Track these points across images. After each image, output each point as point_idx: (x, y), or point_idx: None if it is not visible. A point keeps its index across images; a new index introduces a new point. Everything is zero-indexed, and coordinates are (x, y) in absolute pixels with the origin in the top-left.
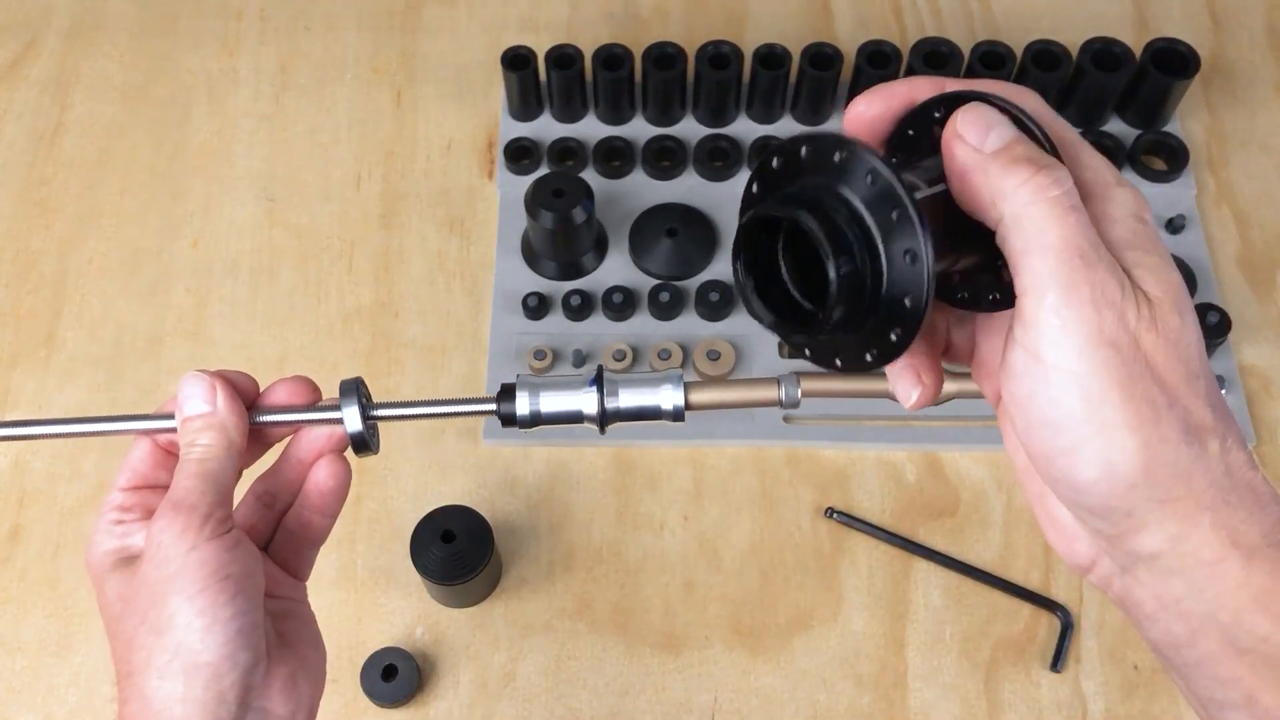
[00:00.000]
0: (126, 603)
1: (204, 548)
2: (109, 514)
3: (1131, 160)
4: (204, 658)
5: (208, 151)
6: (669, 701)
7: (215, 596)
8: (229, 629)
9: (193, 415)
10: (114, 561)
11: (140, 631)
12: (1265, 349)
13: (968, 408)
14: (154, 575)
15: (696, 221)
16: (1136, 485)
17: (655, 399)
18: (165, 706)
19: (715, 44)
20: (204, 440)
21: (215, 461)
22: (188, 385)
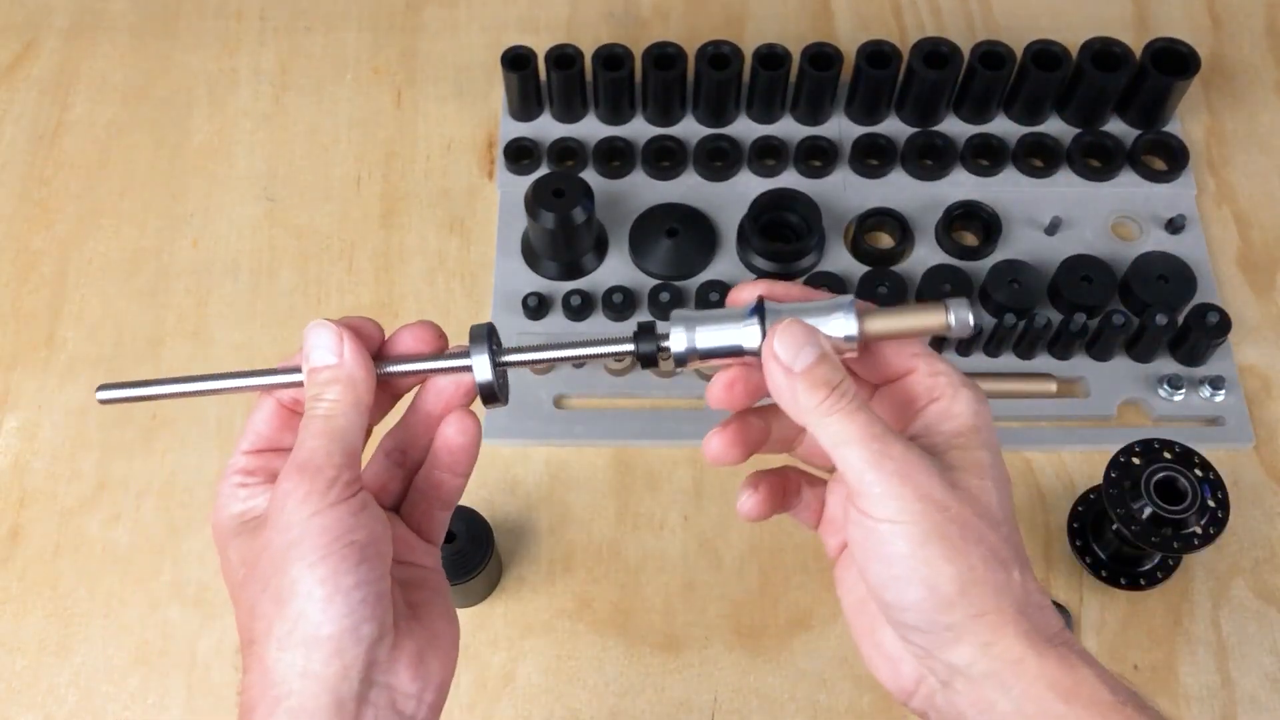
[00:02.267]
0: (250, 568)
1: (328, 513)
2: (232, 478)
3: (1131, 160)
4: (325, 630)
5: (208, 151)
6: (669, 701)
7: (337, 564)
8: (351, 599)
9: (319, 366)
10: (237, 525)
11: (262, 599)
12: (1265, 349)
13: None
14: (276, 541)
15: (696, 221)
16: (954, 603)
17: (826, 327)
18: (284, 679)
19: (715, 44)
20: (330, 395)
21: (342, 418)
22: (314, 334)
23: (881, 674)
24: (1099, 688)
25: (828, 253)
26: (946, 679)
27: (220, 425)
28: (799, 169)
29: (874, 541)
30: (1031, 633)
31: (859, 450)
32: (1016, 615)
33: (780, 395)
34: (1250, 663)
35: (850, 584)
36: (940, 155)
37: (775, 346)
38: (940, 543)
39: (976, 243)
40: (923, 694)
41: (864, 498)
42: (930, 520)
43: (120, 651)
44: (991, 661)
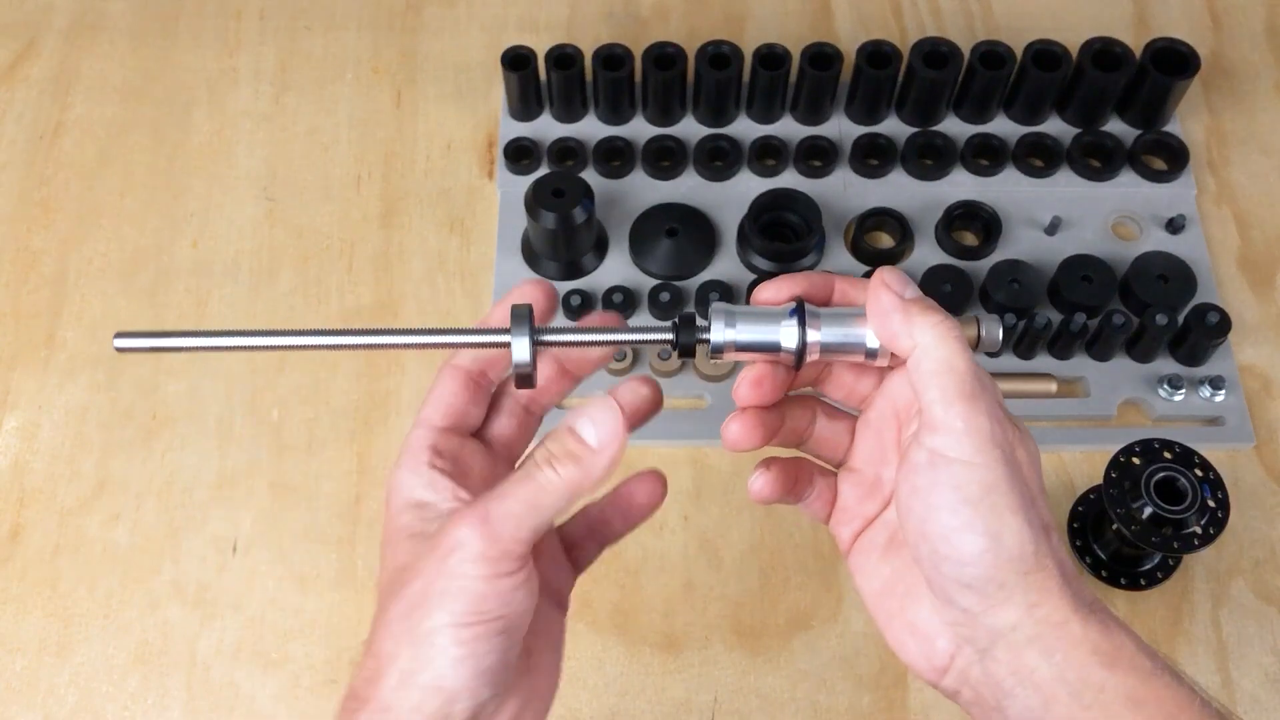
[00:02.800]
0: (400, 583)
1: (492, 582)
2: (423, 451)
3: (1131, 160)
4: (448, 683)
5: (208, 151)
6: (669, 701)
7: (481, 632)
8: (480, 665)
9: (581, 438)
10: (413, 520)
11: (398, 624)
12: (1265, 349)
13: None
14: (432, 580)
15: (696, 221)
16: (1014, 557)
17: (860, 334)
18: (396, 707)
19: (715, 44)
20: (564, 472)
21: (556, 500)
22: (603, 413)
23: (911, 655)
24: (1138, 655)
25: (828, 253)
26: (987, 645)
27: (220, 425)
28: (799, 169)
29: (942, 484)
30: (1075, 596)
31: (957, 383)
32: (1060, 578)
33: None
34: (1250, 663)
35: (871, 570)
36: (940, 155)
37: (886, 277)
38: (1008, 492)
39: (976, 243)
40: (957, 669)
41: (944, 432)
42: (1002, 468)
43: (120, 651)
44: (1036, 625)
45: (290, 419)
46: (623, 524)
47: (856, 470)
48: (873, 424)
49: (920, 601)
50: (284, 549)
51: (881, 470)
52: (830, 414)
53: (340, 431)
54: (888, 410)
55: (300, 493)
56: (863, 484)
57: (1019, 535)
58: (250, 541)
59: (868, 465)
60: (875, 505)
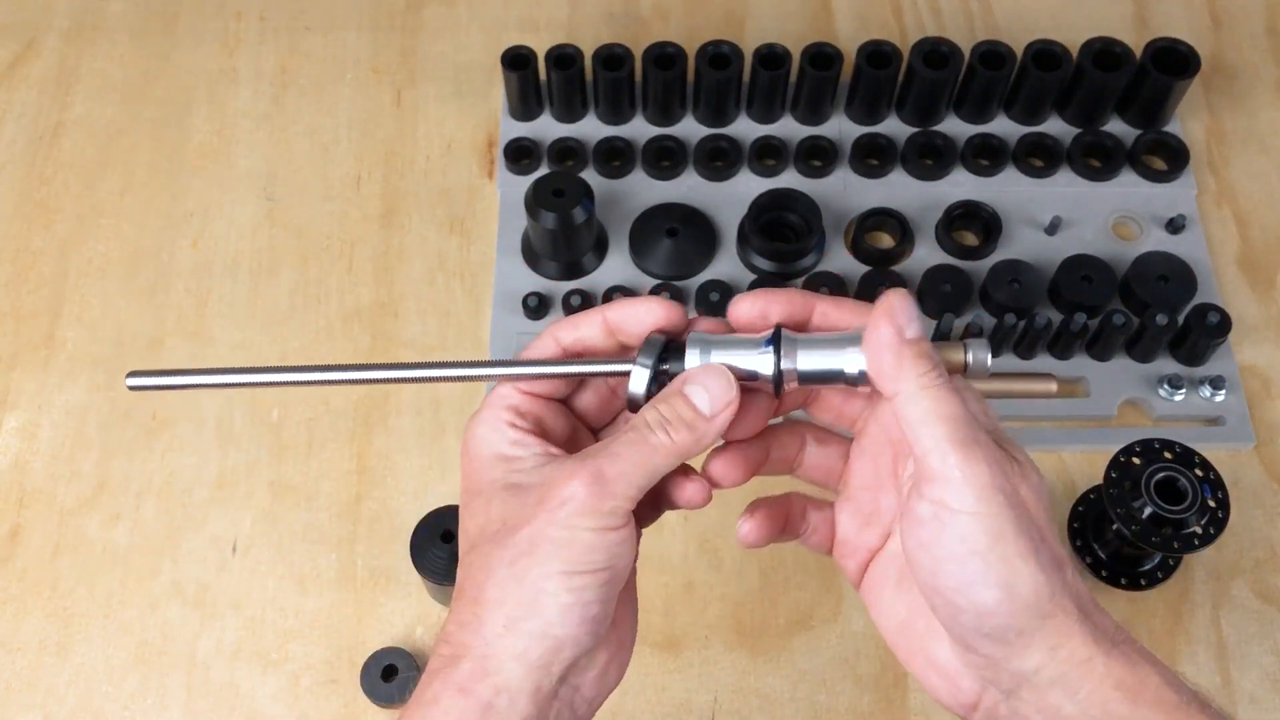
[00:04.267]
0: (504, 531)
1: (602, 534)
2: (502, 410)
3: (1131, 160)
4: (556, 630)
5: (208, 151)
6: (669, 701)
7: (589, 581)
8: (587, 613)
9: (693, 403)
10: (504, 473)
11: (503, 570)
12: (1265, 349)
13: None
14: (545, 530)
15: (696, 221)
16: (1030, 605)
17: (839, 362)
18: (499, 653)
19: (715, 44)
20: (676, 436)
21: (664, 461)
22: (716, 380)
23: (939, 692)
24: (1163, 688)
25: (828, 253)
26: (1011, 688)
27: (220, 425)
28: (799, 169)
29: (948, 537)
30: (1095, 633)
31: (949, 430)
32: (1080, 616)
33: (882, 359)
34: (1250, 663)
35: (886, 606)
36: (940, 155)
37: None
38: (1016, 539)
39: (976, 243)
40: (986, 707)
41: (942, 484)
42: (1008, 514)
43: (120, 651)
44: (1059, 665)
45: (290, 419)
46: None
47: (853, 499)
48: (867, 450)
49: (941, 640)
50: (284, 549)
51: (879, 497)
52: (821, 438)
53: (340, 431)
54: (880, 436)
55: (300, 493)
56: (860, 513)
57: (1033, 581)
58: (250, 541)
59: (865, 492)
60: (876, 535)
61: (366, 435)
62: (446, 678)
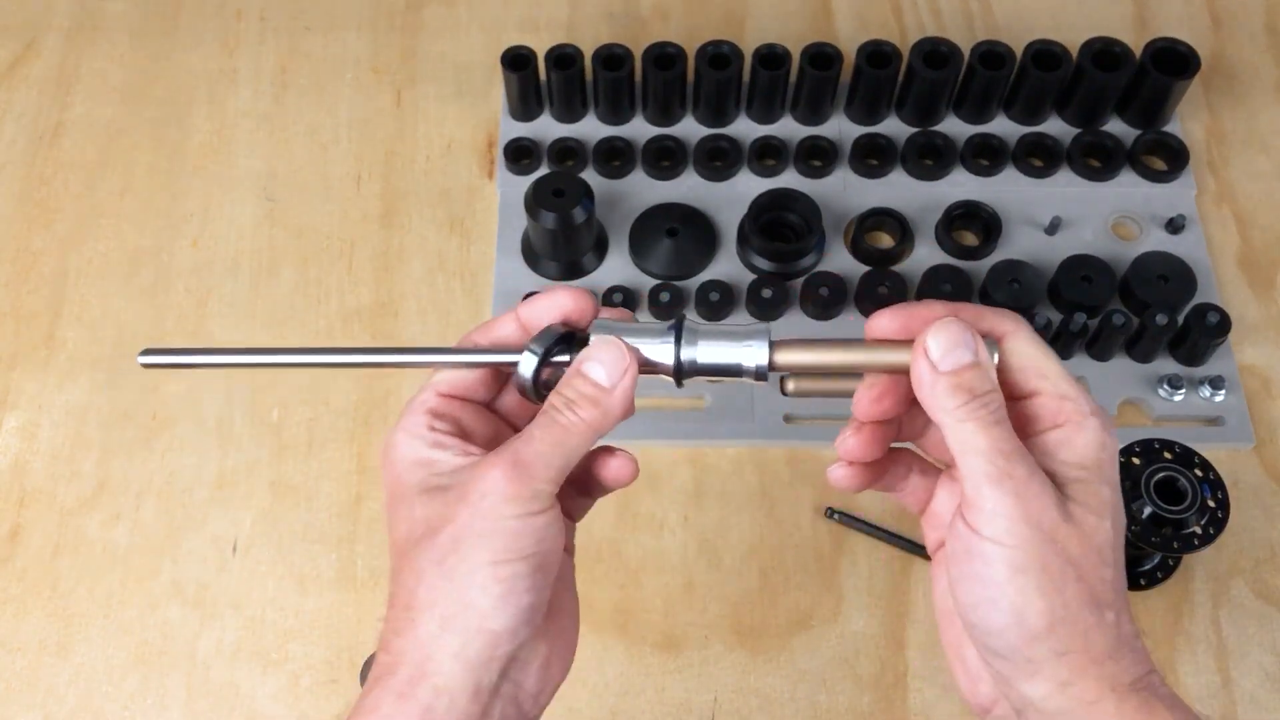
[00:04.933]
0: (428, 533)
1: (527, 520)
2: (419, 415)
3: (1131, 160)
4: (489, 624)
5: (208, 151)
6: (669, 701)
7: (520, 569)
8: (521, 603)
9: (591, 379)
10: (424, 477)
11: (432, 571)
12: (1265, 349)
13: None
14: (467, 523)
15: (696, 221)
16: (1039, 637)
17: (738, 356)
18: (435, 655)
19: (715, 44)
20: (582, 413)
21: (578, 440)
22: (604, 350)
23: (961, 686)
24: None
25: (828, 253)
26: (1020, 707)
27: (220, 425)
28: (799, 169)
29: (972, 558)
30: (1116, 676)
31: (983, 462)
32: (1102, 658)
33: (920, 388)
34: (1250, 663)
35: (941, 589)
36: (940, 155)
37: (929, 342)
38: (1038, 574)
39: (976, 243)
40: (998, 716)
41: (974, 510)
42: (1034, 549)
43: (120, 651)
44: (1067, 700)
45: (290, 419)
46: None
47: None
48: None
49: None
50: (284, 549)
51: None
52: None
53: (340, 431)
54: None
55: (300, 493)
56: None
57: (1046, 617)
58: (250, 541)
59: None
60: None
61: (366, 435)
62: (385, 684)
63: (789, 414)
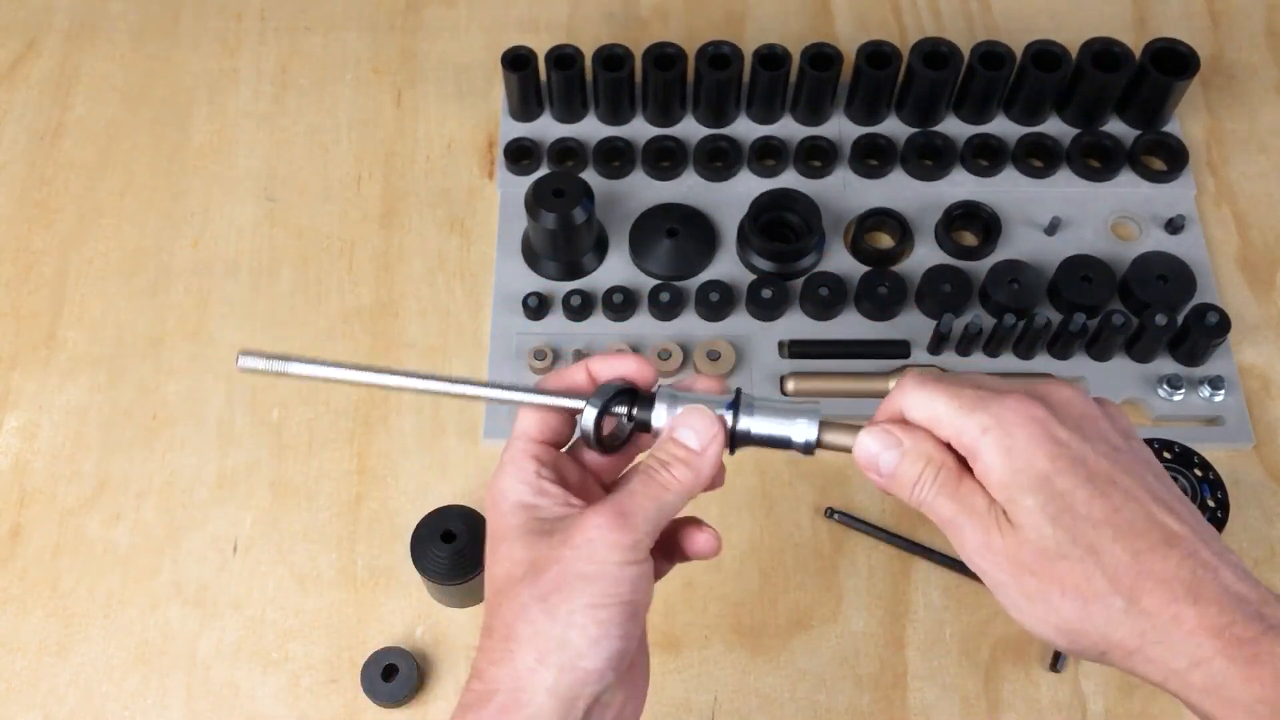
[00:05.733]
0: (532, 572)
1: (628, 568)
2: (527, 461)
3: (1131, 160)
4: (584, 664)
5: (208, 152)
6: (669, 701)
7: (616, 614)
8: (613, 647)
9: (684, 444)
10: (527, 520)
11: (534, 607)
12: (1265, 349)
13: None
14: (571, 566)
15: (696, 221)
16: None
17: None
18: (530, 687)
19: (715, 44)
20: (677, 473)
21: (674, 497)
22: (697, 417)
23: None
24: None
25: (828, 253)
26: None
27: (220, 426)
28: (799, 169)
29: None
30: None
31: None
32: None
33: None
34: None
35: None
36: (940, 155)
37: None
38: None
39: (976, 243)
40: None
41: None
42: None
43: (120, 651)
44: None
45: (290, 419)
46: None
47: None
48: None
49: None
50: (284, 549)
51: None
52: None
53: (340, 431)
54: None
55: (300, 493)
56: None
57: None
58: (250, 541)
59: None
60: None
61: (367, 435)
62: (480, 711)
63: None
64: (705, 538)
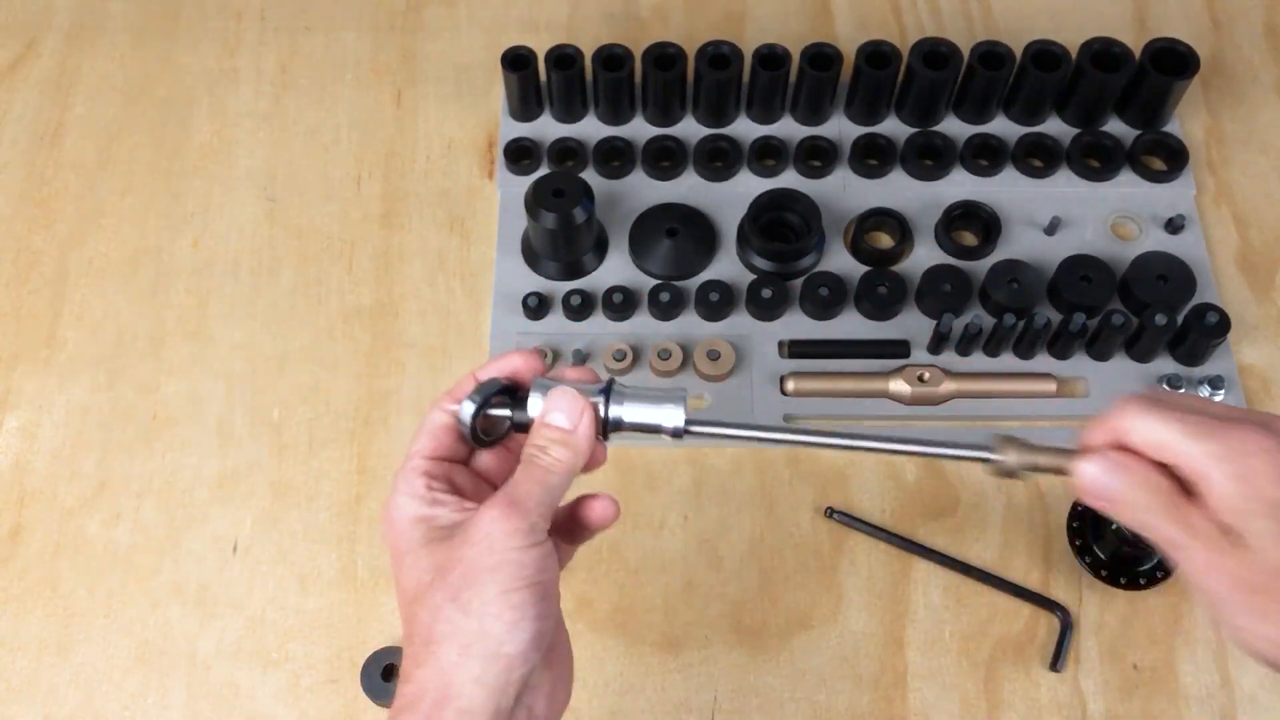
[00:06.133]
0: (439, 576)
1: (529, 550)
2: (416, 478)
3: (1131, 160)
4: (505, 649)
5: (208, 152)
6: (669, 701)
7: (529, 596)
8: (532, 628)
9: (554, 426)
10: (425, 531)
11: (447, 607)
12: (1264, 349)
13: (968, 408)
14: (475, 560)
15: (696, 221)
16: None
17: (658, 417)
18: (459, 681)
19: (715, 44)
20: (556, 454)
21: (558, 477)
22: (559, 399)
23: None
24: None
25: (828, 253)
26: None
27: (220, 426)
28: (799, 169)
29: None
30: None
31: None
32: None
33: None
34: (1249, 662)
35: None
36: (940, 155)
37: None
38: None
39: (976, 243)
40: None
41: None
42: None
43: (120, 651)
44: None
45: (290, 419)
46: (587, 531)
47: None
48: None
49: None
50: (284, 549)
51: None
52: None
53: (340, 431)
54: None
55: (300, 493)
56: None
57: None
58: (250, 541)
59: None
60: None
61: (367, 435)
62: (413, 713)
63: (789, 414)
64: (601, 505)
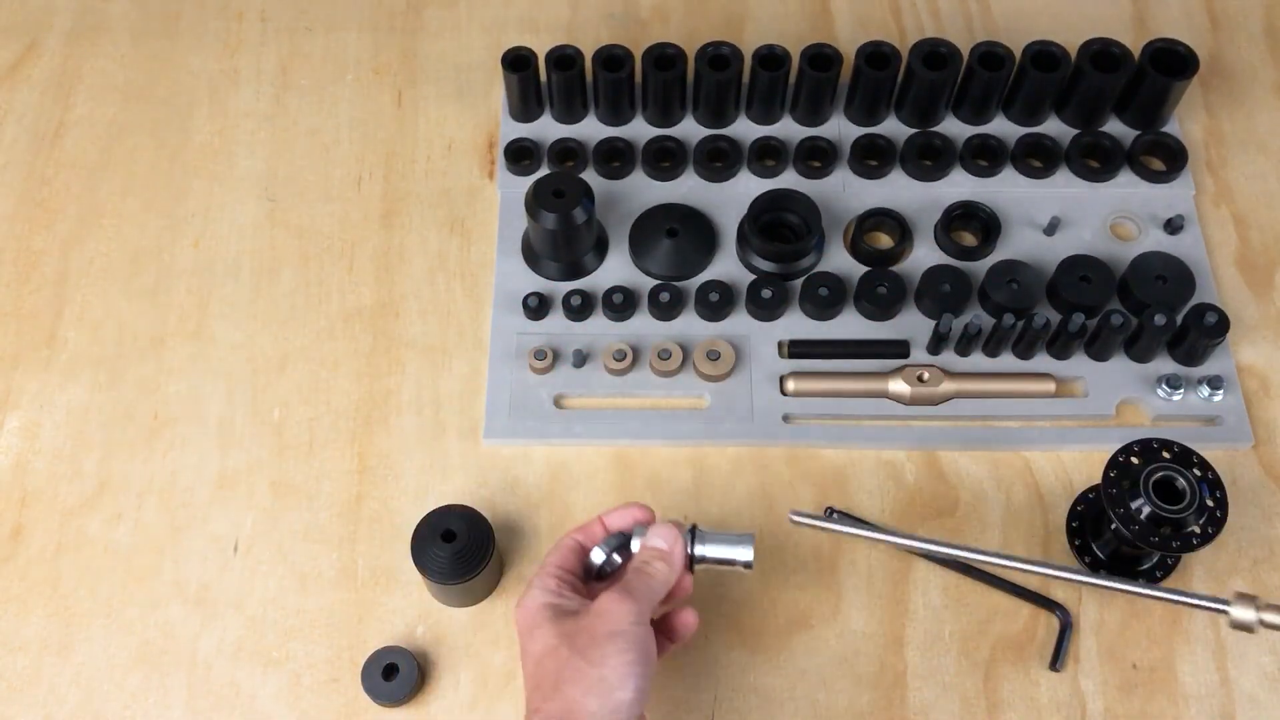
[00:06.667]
0: (565, 640)
1: (639, 629)
2: (549, 579)
3: (1130, 161)
4: (617, 694)
5: (209, 152)
6: (669, 700)
7: (638, 658)
8: (637, 684)
9: (657, 548)
10: (553, 612)
11: (575, 660)
12: (1263, 349)
13: (968, 408)
14: (600, 628)
15: (696, 222)
16: None
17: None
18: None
19: (715, 45)
20: (659, 569)
21: (659, 582)
22: (664, 529)
23: None
24: None
25: (827, 253)
26: None
27: (221, 426)
28: (799, 169)
29: None
30: None
31: None
32: None
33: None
34: (1249, 662)
35: None
36: (939, 156)
37: None
38: None
39: (975, 243)
40: None
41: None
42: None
43: (121, 651)
44: None
45: (291, 419)
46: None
47: None
48: None
49: None
50: (284, 549)
51: None
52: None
53: (341, 431)
54: None
55: (301, 493)
56: None
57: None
58: (251, 541)
59: None
60: None
61: (367, 435)
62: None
63: (788, 414)
64: (685, 615)
